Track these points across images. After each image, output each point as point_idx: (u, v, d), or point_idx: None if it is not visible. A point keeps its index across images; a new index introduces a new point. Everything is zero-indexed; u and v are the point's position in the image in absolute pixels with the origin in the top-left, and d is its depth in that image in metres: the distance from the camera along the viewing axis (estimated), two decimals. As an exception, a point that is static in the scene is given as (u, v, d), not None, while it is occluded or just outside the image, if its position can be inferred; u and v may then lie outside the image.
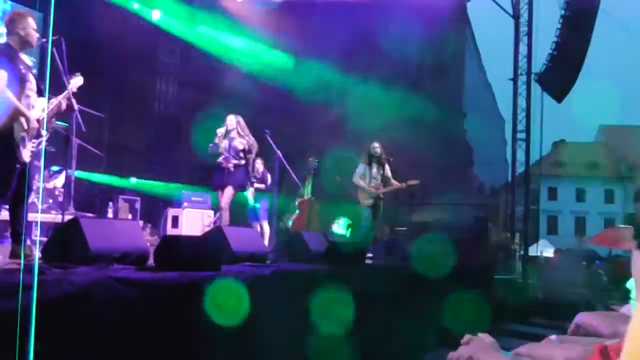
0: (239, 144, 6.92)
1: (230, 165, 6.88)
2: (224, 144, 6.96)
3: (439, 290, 6.37)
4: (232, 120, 7.03)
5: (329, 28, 11.91)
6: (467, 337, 1.68)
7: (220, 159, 6.94)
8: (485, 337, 1.65)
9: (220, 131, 7.01)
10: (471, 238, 11.13)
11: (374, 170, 8.39)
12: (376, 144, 8.43)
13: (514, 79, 13.12)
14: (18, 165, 4.24)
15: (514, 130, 12.77)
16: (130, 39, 10.30)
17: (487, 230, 11.95)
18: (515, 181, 13.03)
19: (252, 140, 6.98)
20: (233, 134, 6.96)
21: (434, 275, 6.47)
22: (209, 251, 3.73)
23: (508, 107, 14.50)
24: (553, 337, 1.97)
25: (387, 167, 8.48)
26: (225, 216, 6.83)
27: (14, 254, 4.30)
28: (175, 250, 3.54)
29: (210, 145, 7.03)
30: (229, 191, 6.82)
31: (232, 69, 11.76)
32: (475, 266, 8.13)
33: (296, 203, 9.77)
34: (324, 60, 12.31)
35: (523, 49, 12.71)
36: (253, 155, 7.03)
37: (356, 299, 4.89)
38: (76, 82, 4.79)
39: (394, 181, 8.49)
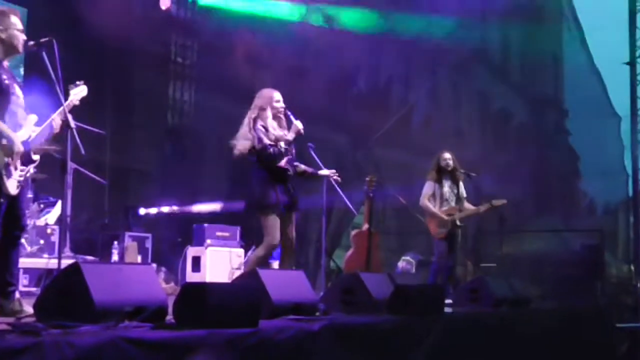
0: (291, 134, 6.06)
1: (291, 172, 6.09)
2: (275, 134, 5.94)
3: (543, 344, 6.23)
4: (279, 96, 6.11)
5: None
6: None
7: (283, 162, 5.99)
8: None
9: (265, 114, 5.98)
10: (582, 274, 10.91)
11: (446, 188, 8.28)
12: (447, 154, 8.32)
13: (631, 63, 12.82)
14: (2, 200, 4.32)
15: (634, 130, 12.43)
16: (134, 35, 10.55)
17: (603, 263, 11.67)
18: (638, 197, 12.67)
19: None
20: (282, 119, 6.07)
21: (534, 325, 6.34)
22: (242, 302, 3.76)
23: (624, 99, 14.14)
24: None
25: (461, 184, 8.37)
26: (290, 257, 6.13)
27: (2, 311, 4.42)
28: (200, 301, 3.58)
29: (271, 144, 5.85)
30: (291, 218, 6.07)
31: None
32: (590, 311, 7.93)
33: (350, 236, 9.76)
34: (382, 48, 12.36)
35: (642, 24, 12.39)
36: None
37: (434, 359, 4.83)
38: (78, 92, 4.92)
39: (468, 204, 8.36)
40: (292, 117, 6.02)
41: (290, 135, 5.98)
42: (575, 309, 7.73)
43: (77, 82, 4.92)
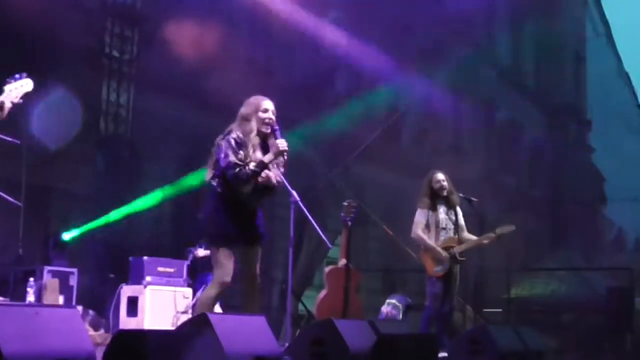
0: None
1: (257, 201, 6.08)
2: (254, 155, 5.89)
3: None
4: (270, 106, 6.04)
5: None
6: None
7: (249, 188, 5.91)
8: None
9: (241, 130, 5.91)
10: (607, 323, 10.99)
11: (442, 215, 8.30)
12: (440, 175, 8.36)
13: (667, 66, 13.05)
14: None
15: (671, 147, 12.64)
16: (61, 22, 10.53)
17: (633, 310, 11.78)
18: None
19: None
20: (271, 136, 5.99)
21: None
22: (189, 354, 3.75)
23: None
24: None
25: (459, 210, 8.42)
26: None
27: None
28: (136, 353, 3.57)
29: (238, 163, 5.78)
30: (256, 253, 6.10)
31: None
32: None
33: (324, 273, 9.78)
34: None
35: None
36: None
37: None
38: (18, 88, 4.86)
39: (469, 234, 8.41)
40: (277, 134, 5.93)
41: (268, 157, 5.86)
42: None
43: (17, 75, 4.90)
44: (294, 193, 6.85)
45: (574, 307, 12.10)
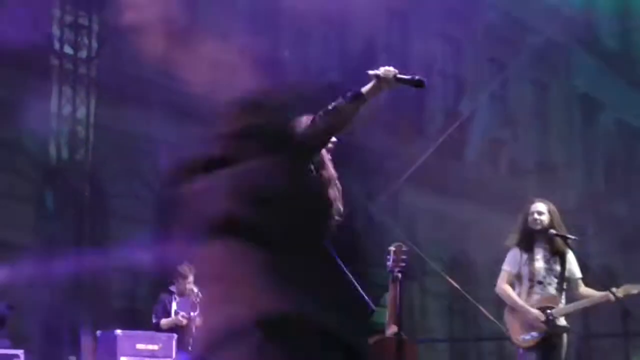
0: None
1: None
2: None
3: None
4: None
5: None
6: None
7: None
8: None
9: None
10: None
11: (539, 263, 8.23)
12: (538, 205, 8.29)
13: None
14: None
15: None
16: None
17: None
18: None
19: None
20: None
21: None
22: None
23: None
24: None
25: (570, 255, 8.32)
26: None
27: None
28: None
29: None
30: None
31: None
32: None
33: (365, 344, 9.72)
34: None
35: None
36: None
37: None
38: None
39: (586, 289, 8.32)
40: None
41: None
42: None
43: None
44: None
45: None
